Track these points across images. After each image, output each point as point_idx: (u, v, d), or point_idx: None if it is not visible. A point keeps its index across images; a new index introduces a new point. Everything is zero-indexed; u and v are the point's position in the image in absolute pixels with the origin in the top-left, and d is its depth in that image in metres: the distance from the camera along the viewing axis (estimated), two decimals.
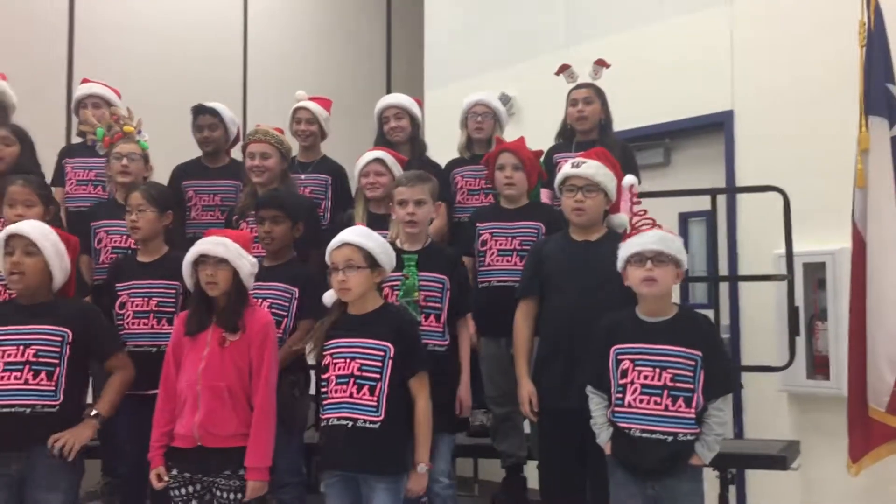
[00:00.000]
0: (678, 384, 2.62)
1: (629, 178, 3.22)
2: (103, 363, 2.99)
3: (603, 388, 2.76)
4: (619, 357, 2.71)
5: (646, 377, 2.65)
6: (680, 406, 2.61)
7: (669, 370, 2.63)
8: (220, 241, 2.87)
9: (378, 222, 3.42)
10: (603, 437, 2.76)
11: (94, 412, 2.88)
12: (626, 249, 2.75)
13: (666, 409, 2.62)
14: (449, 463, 3.14)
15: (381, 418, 2.73)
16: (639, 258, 2.70)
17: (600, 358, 2.75)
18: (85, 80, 4.34)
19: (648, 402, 2.64)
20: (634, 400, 2.66)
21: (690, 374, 2.63)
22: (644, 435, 2.63)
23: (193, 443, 2.79)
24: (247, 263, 2.87)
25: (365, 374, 2.76)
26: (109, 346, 3.01)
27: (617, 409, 2.71)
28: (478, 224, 3.46)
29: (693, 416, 2.62)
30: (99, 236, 3.64)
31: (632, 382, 2.67)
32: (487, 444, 3.56)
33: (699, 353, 2.64)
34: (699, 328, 2.71)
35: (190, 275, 2.91)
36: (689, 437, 2.62)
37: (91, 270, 3.64)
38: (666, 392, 2.62)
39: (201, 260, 2.86)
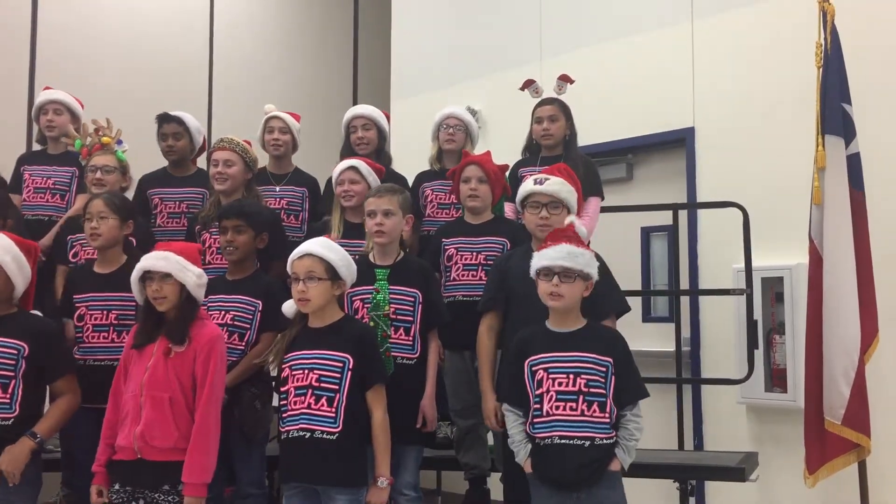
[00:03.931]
0: (592, 389, 2.67)
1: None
2: (51, 383, 2.94)
3: (520, 405, 2.79)
4: (534, 368, 2.75)
5: (560, 384, 2.69)
6: (595, 411, 2.66)
7: (583, 376, 2.68)
8: (162, 255, 2.84)
9: (354, 231, 3.42)
10: (521, 455, 2.78)
11: (32, 433, 2.83)
12: (536, 260, 2.79)
13: (582, 413, 2.66)
14: (416, 475, 3.14)
15: (339, 429, 2.73)
16: (547, 272, 2.75)
17: (514, 374, 2.79)
18: (47, 88, 4.30)
19: (565, 408, 2.68)
20: (551, 407, 2.69)
21: (602, 380, 2.69)
22: (563, 441, 2.66)
23: (133, 455, 2.74)
24: (192, 275, 2.83)
25: (323, 385, 2.76)
26: (61, 368, 2.96)
27: (536, 419, 2.73)
28: (443, 239, 3.48)
29: (607, 420, 2.67)
30: (74, 249, 3.60)
31: (547, 391, 2.70)
32: (451, 456, 3.57)
33: (609, 360, 2.70)
34: (608, 338, 2.79)
35: (139, 290, 2.88)
36: (604, 442, 2.66)
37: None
38: (581, 397, 2.67)
39: (147, 276, 2.83)
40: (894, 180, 3.88)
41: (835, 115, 3.61)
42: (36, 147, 4.43)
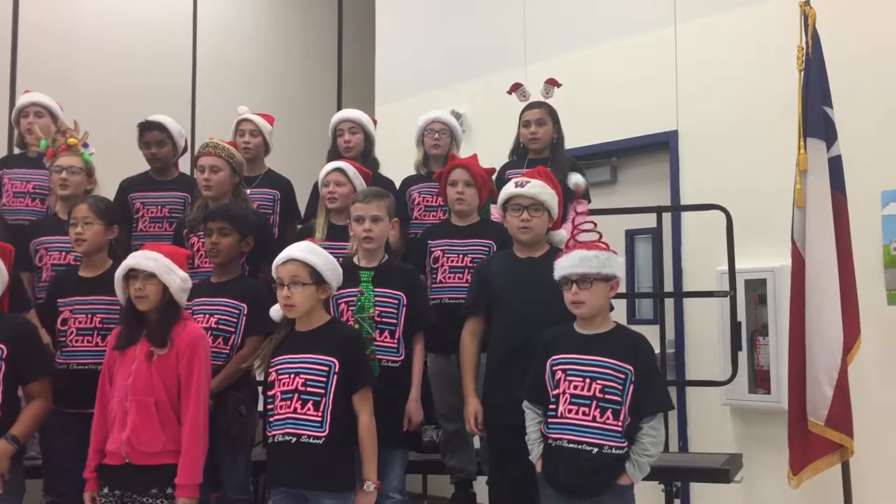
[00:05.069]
0: (607, 396, 2.65)
1: (575, 179, 3.47)
2: (26, 384, 2.89)
3: (540, 403, 2.79)
4: (554, 368, 2.74)
5: (576, 387, 2.68)
6: (608, 418, 2.64)
7: (599, 381, 2.66)
8: (150, 255, 2.83)
9: (339, 234, 3.41)
10: (534, 453, 2.78)
11: (10, 436, 2.79)
12: (556, 271, 2.80)
13: (594, 420, 2.65)
14: (402, 479, 3.13)
15: (325, 434, 2.72)
16: (566, 281, 2.75)
17: (538, 371, 2.79)
18: (27, 91, 4.26)
19: (577, 413, 2.66)
20: (565, 410, 2.68)
21: (619, 387, 2.66)
22: (571, 445, 2.66)
23: (121, 459, 2.73)
24: (176, 278, 2.83)
25: (309, 389, 2.75)
26: (37, 369, 2.92)
27: (550, 420, 2.73)
28: (429, 242, 3.48)
29: (620, 429, 2.65)
30: (39, 254, 3.55)
31: (563, 393, 2.70)
32: (437, 459, 3.57)
33: (630, 368, 2.67)
34: (633, 344, 2.75)
35: (122, 289, 2.86)
36: (613, 451, 2.64)
37: (34, 288, 3.55)
38: (595, 403, 2.65)
39: (132, 274, 2.82)
40: (875, 182, 3.92)
41: (816, 118, 3.62)
42: (16, 151, 4.39)
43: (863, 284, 3.64)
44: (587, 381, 2.67)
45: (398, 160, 4.22)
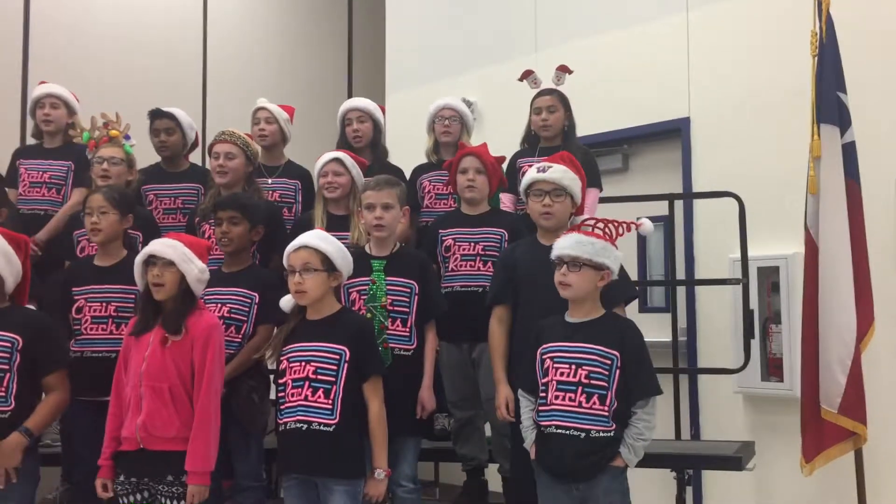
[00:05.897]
0: (593, 381, 2.67)
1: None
2: (43, 377, 2.92)
3: (533, 392, 2.81)
4: (543, 357, 2.76)
5: (562, 374, 2.70)
6: (594, 403, 2.66)
7: (585, 367, 2.68)
8: (170, 243, 2.86)
9: (337, 223, 3.42)
10: (528, 440, 2.80)
11: (24, 428, 2.82)
12: (552, 251, 2.80)
13: (580, 405, 2.67)
14: (414, 467, 3.14)
15: (336, 421, 2.74)
16: (558, 261, 2.76)
17: (529, 361, 2.81)
18: (42, 82, 4.28)
19: (564, 399, 2.68)
20: (553, 397, 2.71)
21: (605, 372, 2.68)
22: (559, 431, 2.68)
23: (137, 445, 2.75)
24: (194, 268, 2.84)
25: (320, 377, 2.77)
26: (54, 361, 2.95)
27: (540, 408, 2.76)
28: (440, 231, 3.47)
29: (606, 413, 2.66)
30: (80, 245, 3.60)
31: (551, 380, 2.72)
32: (448, 447, 3.58)
33: (616, 354, 2.69)
34: (620, 331, 2.76)
35: (141, 275, 2.89)
36: (601, 435, 2.66)
37: None
38: (580, 389, 2.67)
39: (151, 261, 2.84)
40: (889, 169, 3.89)
41: (830, 104, 3.59)
42: (31, 141, 4.42)
43: (877, 271, 3.62)
44: (573, 367, 2.69)
45: (409, 149, 4.21)
